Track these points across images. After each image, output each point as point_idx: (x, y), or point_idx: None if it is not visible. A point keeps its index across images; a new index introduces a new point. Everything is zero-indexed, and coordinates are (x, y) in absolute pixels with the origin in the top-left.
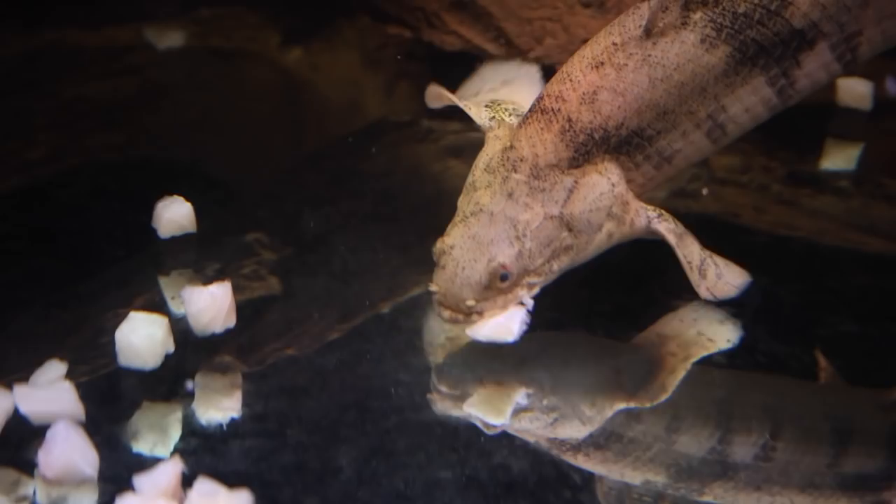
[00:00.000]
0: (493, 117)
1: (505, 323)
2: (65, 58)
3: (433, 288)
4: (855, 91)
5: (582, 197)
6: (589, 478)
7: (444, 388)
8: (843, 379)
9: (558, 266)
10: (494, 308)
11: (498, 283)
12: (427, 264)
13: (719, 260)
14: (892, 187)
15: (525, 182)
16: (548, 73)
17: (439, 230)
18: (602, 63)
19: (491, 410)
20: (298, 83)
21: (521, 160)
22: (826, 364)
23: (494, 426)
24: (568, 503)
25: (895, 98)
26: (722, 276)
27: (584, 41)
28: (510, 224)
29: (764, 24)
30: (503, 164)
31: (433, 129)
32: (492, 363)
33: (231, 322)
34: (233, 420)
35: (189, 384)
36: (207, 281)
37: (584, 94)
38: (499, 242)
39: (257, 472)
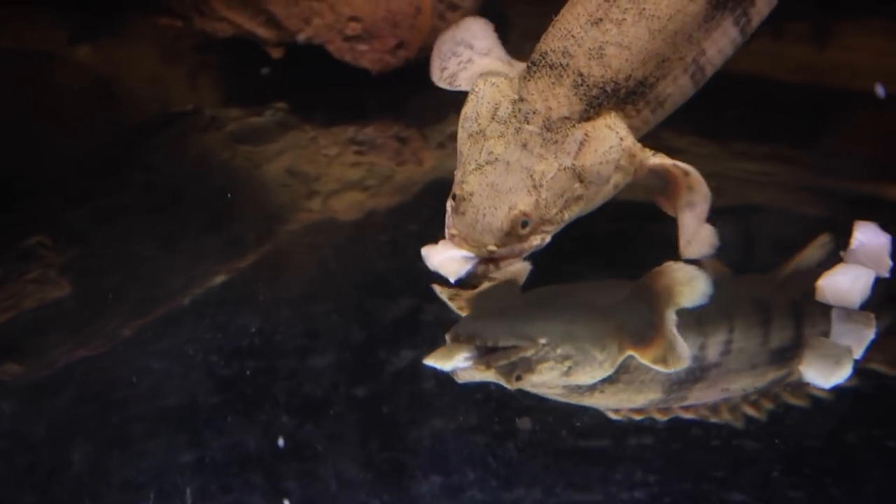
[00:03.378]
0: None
1: (454, 261)
2: None
3: (452, 232)
4: None
5: (593, 150)
6: (327, 450)
7: (464, 338)
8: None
9: (569, 216)
10: (510, 256)
11: (518, 230)
12: (221, 253)
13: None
14: None
15: (538, 133)
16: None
17: (233, 218)
18: (601, 20)
19: (440, 358)
20: (97, 81)
21: (534, 112)
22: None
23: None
24: (301, 476)
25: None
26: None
27: (351, 19)
28: (527, 174)
29: None
30: (515, 116)
31: (216, 117)
32: (503, 318)
33: None
34: None
35: None
36: None
37: (590, 49)
38: (517, 191)
39: None
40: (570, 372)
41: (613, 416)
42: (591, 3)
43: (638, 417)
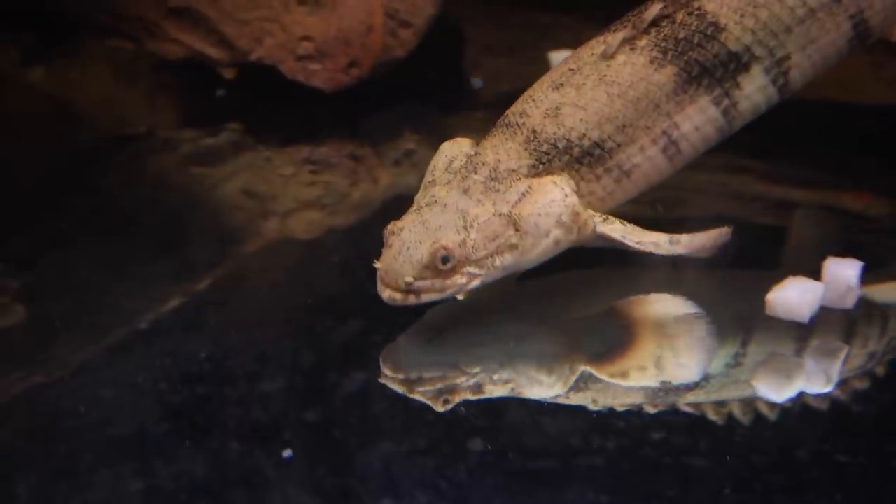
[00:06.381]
0: None
1: None
2: None
3: (378, 265)
4: None
5: (533, 200)
6: (277, 476)
7: (388, 373)
8: None
9: (501, 262)
10: (431, 291)
11: (439, 265)
12: (175, 278)
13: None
14: None
15: (482, 182)
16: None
17: (190, 240)
18: (562, 84)
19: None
20: (51, 103)
21: (483, 164)
22: None
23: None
24: (248, 503)
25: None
26: (696, 236)
27: (303, 38)
28: (460, 215)
29: (703, 47)
30: (465, 166)
31: (170, 139)
32: (444, 343)
33: None
34: None
35: None
36: None
37: (547, 109)
38: (446, 229)
39: None
40: (514, 392)
41: (593, 406)
42: (556, 73)
43: (620, 408)
